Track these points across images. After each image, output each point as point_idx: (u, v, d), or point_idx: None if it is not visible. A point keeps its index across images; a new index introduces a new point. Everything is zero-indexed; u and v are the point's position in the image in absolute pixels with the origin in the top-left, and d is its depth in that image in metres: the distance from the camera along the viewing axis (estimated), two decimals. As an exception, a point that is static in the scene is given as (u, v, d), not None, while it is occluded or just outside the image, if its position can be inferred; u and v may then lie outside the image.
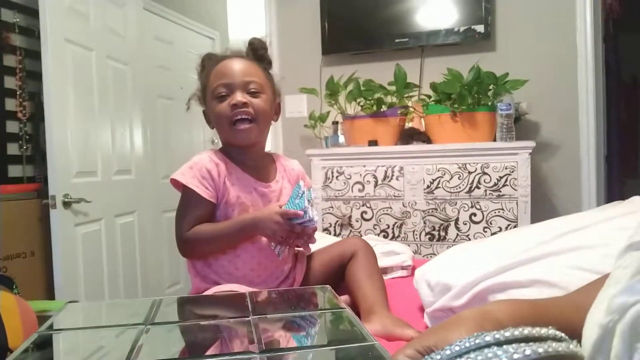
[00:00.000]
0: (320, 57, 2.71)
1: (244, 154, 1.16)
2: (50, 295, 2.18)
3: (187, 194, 1.11)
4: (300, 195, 1.07)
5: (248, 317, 0.75)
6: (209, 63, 1.17)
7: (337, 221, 2.32)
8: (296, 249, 1.21)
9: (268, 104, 1.14)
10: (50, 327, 0.77)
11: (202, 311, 0.84)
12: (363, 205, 2.28)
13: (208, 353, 0.65)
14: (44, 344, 0.71)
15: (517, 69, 2.30)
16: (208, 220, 1.11)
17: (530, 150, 2.09)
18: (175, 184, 1.12)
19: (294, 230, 1.06)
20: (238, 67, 1.13)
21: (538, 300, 0.45)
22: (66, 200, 2.06)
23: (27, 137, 2.46)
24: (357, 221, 2.29)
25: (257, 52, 1.17)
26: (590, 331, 0.34)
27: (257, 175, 1.17)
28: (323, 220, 2.34)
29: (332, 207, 2.32)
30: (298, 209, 1.05)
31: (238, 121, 1.10)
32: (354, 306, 1.08)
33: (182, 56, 3.17)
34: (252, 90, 1.11)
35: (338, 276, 1.18)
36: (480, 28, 2.43)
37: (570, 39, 2.40)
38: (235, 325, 0.73)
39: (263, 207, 1.13)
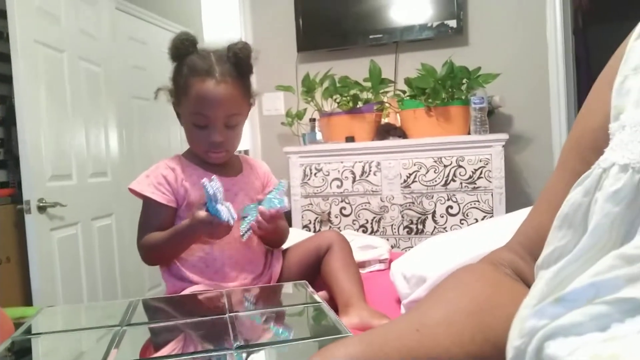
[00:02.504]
0: (296, 54, 2.72)
1: None
2: (27, 301, 2.15)
3: (146, 202, 1.12)
4: (283, 192, 1.10)
5: (224, 315, 0.76)
6: (189, 70, 1.10)
7: (316, 218, 2.33)
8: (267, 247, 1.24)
9: (242, 126, 1.16)
10: (26, 331, 0.76)
11: (179, 311, 0.85)
12: (342, 201, 2.30)
13: (185, 351, 0.66)
14: (21, 349, 0.71)
15: (490, 63, 2.34)
16: (168, 226, 1.12)
17: (504, 143, 2.13)
18: (135, 193, 1.13)
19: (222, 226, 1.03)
20: (221, 97, 1.08)
21: (379, 330, 0.42)
22: (41, 204, 2.03)
23: (-1, 141, 2.42)
24: (337, 217, 2.31)
25: (241, 66, 1.12)
26: (507, 351, 0.35)
27: (221, 172, 1.16)
28: (302, 217, 2.35)
29: (311, 204, 2.33)
30: (279, 205, 1.09)
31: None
32: (331, 299, 1.09)
33: (157, 56, 3.13)
34: (232, 123, 1.11)
35: (314, 270, 1.19)
36: (452, 23, 2.46)
37: (540, 32, 2.45)
38: (211, 323, 0.74)
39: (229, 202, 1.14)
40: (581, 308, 0.30)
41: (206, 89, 1.07)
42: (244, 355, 0.62)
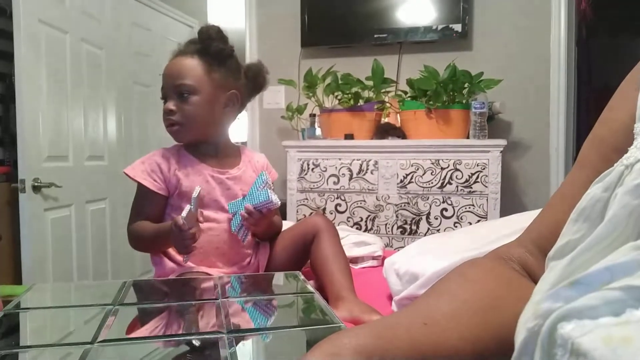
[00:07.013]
0: (300, 49, 2.72)
1: (202, 146, 1.18)
2: (17, 280, 2.14)
3: (139, 187, 1.14)
4: (263, 185, 1.09)
5: (217, 299, 0.76)
6: None
7: (311, 213, 2.33)
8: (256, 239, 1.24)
9: (203, 104, 1.13)
10: (17, 306, 0.76)
11: (172, 293, 0.85)
12: (337, 198, 2.30)
13: (177, 333, 0.66)
14: (10, 325, 0.71)
15: (492, 69, 2.35)
16: (158, 213, 1.14)
17: (502, 149, 2.14)
18: (130, 177, 1.15)
19: (186, 236, 1.01)
20: (172, 69, 1.14)
21: (387, 321, 0.43)
22: (36, 184, 2.02)
23: (-3, 119, 2.40)
24: (331, 213, 2.31)
25: (202, 43, 1.14)
26: (519, 332, 0.35)
27: (217, 164, 1.18)
28: (297, 211, 2.35)
29: (306, 198, 2.33)
30: (262, 198, 1.08)
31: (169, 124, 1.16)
32: (321, 289, 1.10)
33: (160, 43, 3.13)
34: (183, 93, 1.12)
35: (301, 257, 1.20)
36: (457, 27, 2.46)
37: (544, 41, 2.46)
38: (203, 307, 0.74)
39: (220, 195, 1.16)
40: (596, 292, 0.30)
41: (166, 66, 1.16)
42: (236, 339, 0.62)
